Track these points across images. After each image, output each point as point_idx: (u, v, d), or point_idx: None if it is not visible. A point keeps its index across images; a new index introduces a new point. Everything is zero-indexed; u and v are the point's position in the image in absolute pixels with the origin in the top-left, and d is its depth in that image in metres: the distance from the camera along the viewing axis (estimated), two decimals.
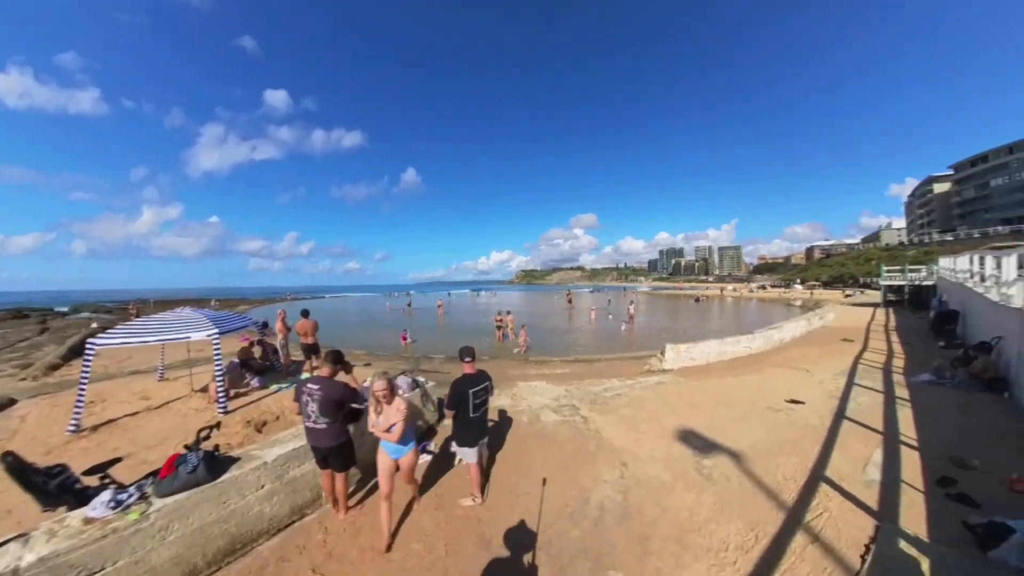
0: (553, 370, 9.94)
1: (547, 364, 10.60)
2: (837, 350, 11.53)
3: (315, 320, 9.39)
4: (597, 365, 10.50)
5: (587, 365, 10.50)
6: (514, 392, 7.66)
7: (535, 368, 10.10)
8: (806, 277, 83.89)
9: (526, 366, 10.29)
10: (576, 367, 10.23)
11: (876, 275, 64.62)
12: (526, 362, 10.96)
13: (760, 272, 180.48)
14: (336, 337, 20.19)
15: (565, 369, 9.95)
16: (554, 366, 10.31)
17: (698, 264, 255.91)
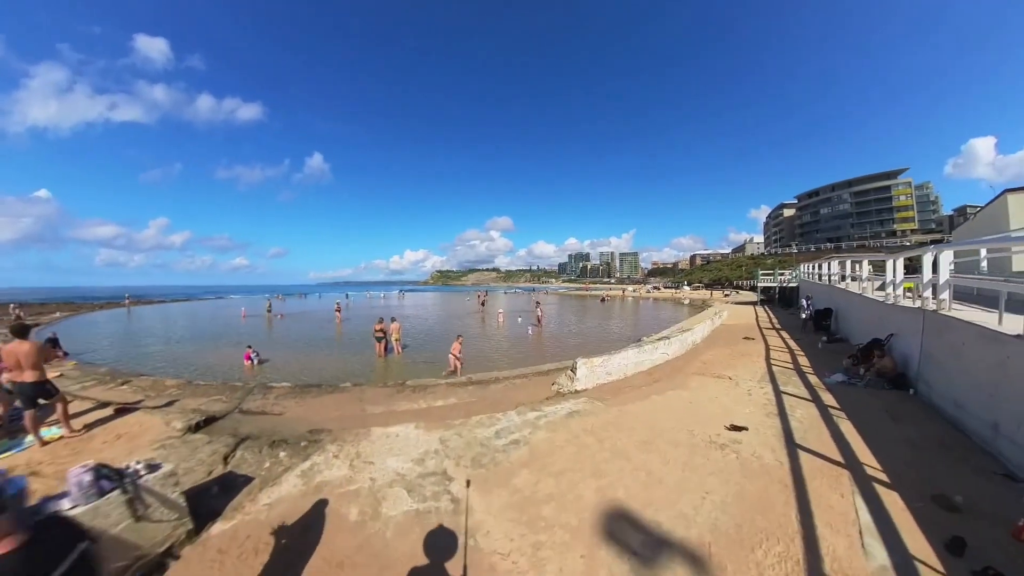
0: (434, 401, 7.31)
1: (429, 391, 7.93)
2: (745, 350, 11.07)
3: (40, 342, 6.23)
4: (494, 388, 8.13)
5: (481, 389, 8.06)
6: (358, 452, 4.86)
7: (410, 400, 7.36)
8: (692, 279, 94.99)
9: (397, 398, 7.53)
10: (466, 393, 7.75)
11: (746, 278, 76.58)
12: (400, 391, 8.13)
13: (654, 275, 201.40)
14: (146, 357, 14.88)
15: (450, 398, 7.40)
16: (437, 394, 7.65)
17: (602, 268, 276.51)
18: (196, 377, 11.12)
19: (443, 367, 11.82)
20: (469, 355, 13.59)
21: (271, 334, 21.63)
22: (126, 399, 7.49)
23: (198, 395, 8.59)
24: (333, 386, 9.06)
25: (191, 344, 18.08)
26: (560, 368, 9.37)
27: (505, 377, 9.14)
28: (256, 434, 5.50)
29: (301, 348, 16.63)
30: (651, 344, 9.38)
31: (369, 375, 11.78)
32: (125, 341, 19.54)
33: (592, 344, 15.42)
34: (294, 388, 9.03)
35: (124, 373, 10.67)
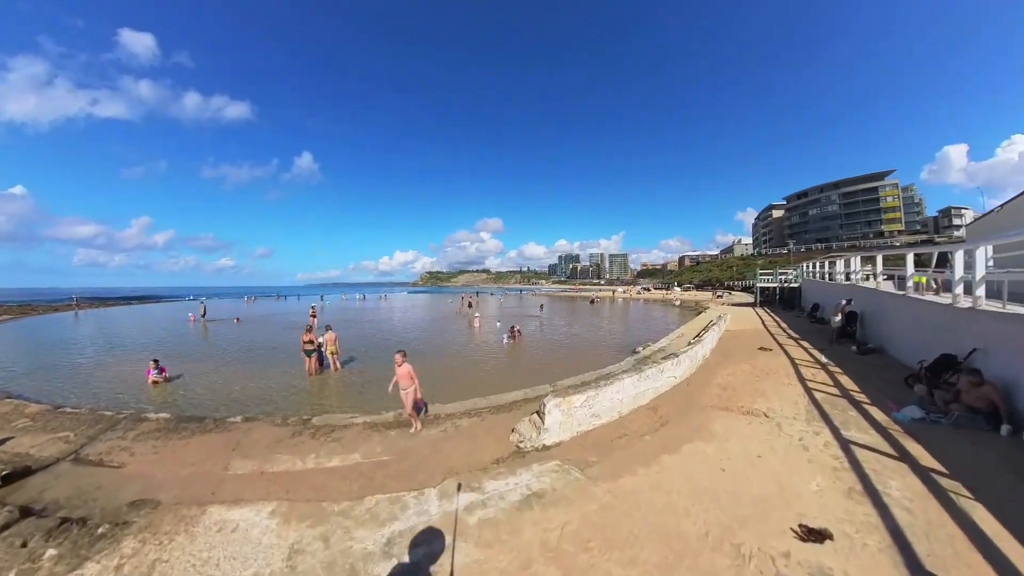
0: (329, 456, 4.84)
1: (335, 435, 5.45)
2: (768, 366, 8.82)
3: None
4: (427, 436, 5.66)
5: (404, 439, 5.56)
6: (154, 564, 2.50)
7: (298, 452, 4.89)
8: (682, 280, 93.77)
9: (286, 444, 5.04)
10: (383, 443, 5.27)
11: (737, 279, 75.48)
12: (297, 431, 5.64)
13: (643, 276, 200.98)
14: (40, 371, 12.06)
15: (354, 453, 4.92)
16: (343, 441, 5.17)
17: (592, 269, 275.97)
18: (81, 398, 9.47)
19: (353, 397, 9.36)
20: (420, 373, 10.90)
21: (206, 342, 18.78)
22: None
23: (49, 429, 6.77)
24: (219, 420, 6.82)
25: (106, 354, 15.22)
26: (529, 400, 6.94)
27: (449, 415, 6.67)
28: (56, 504, 4.24)
29: (231, 360, 13.91)
30: (655, 368, 6.92)
31: (283, 400, 9.16)
32: (36, 350, 16.57)
33: (578, 357, 13.02)
34: (170, 421, 6.89)
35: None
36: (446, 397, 7.84)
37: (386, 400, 7.68)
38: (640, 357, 10.59)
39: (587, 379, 8.31)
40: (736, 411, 5.98)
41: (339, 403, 8.91)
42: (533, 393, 7.57)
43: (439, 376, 10.60)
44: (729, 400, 6.51)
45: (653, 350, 11.48)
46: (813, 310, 19.04)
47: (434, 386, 9.62)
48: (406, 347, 14.71)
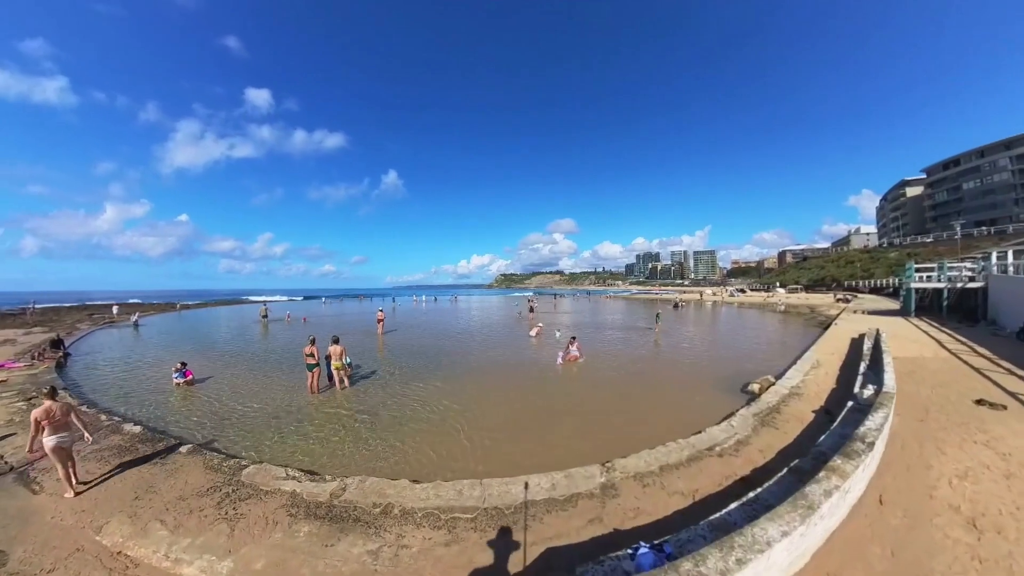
0: (197, 554, 2.58)
1: (243, 508, 3.55)
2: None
3: None
4: (357, 554, 3.11)
5: (313, 545, 3.11)
6: None
7: (192, 526, 2.71)
8: (785, 280, 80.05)
9: (188, 509, 2.95)
10: (283, 543, 2.95)
11: (862, 277, 61.34)
12: (219, 487, 3.68)
13: (734, 276, 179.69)
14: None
15: (225, 560, 2.61)
16: (235, 531, 3.13)
17: (674, 268, 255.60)
18: (110, 398, 9.95)
19: (405, 418, 7.78)
20: (436, 401, 8.64)
21: (256, 343, 19.00)
22: None
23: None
24: (170, 447, 6.21)
25: (160, 352, 15.45)
26: (553, 500, 3.93)
27: (404, 511, 3.98)
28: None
29: (261, 366, 13.39)
30: (826, 483, 3.21)
31: (264, 425, 7.72)
32: (122, 345, 17.81)
33: (655, 395, 9.39)
34: (133, 438, 6.55)
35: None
36: (429, 459, 5.26)
37: (375, 444, 6.61)
38: (762, 409, 6.75)
39: (668, 458, 4.97)
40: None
41: (312, 441, 6.96)
42: (563, 485, 4.48)
43: (444, 416, 8.08)
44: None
45: (779, 393, 7.47)
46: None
47: (429, 431, 7.06)
48: (446, 359, 12.39)
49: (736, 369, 11.02)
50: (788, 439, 5.50)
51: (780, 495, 3.16)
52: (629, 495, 4.26)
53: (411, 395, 9.48)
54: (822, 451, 4.11)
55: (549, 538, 3.67)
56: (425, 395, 9.44)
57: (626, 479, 4.53)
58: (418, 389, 9.98)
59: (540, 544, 3.59)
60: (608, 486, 4.43)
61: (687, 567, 2.18)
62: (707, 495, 4.15)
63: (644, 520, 3.83)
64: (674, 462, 4.85)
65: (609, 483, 4.47)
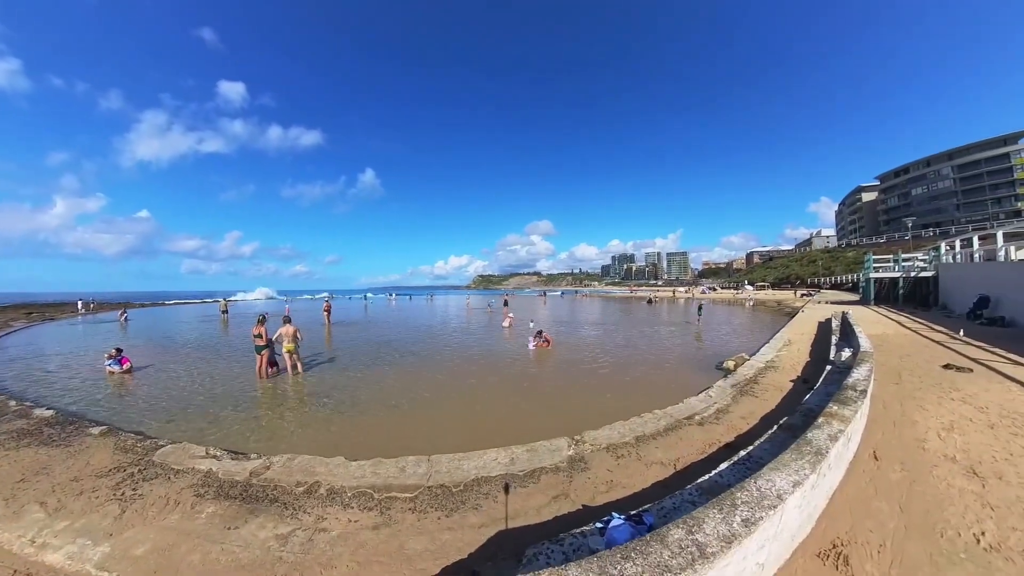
0: (70, 537, 2.47)
1: (147, 488, 3.20)
2: (1001, 404, 4.45)
3: None
4: (246, 537, 2.62)
5: (214, 528, 2.81)
6: None
7: (82, 507, 2.54)
8: (753, 279, 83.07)
9: (86, 489, 2.46)
10: (181, 524, 2.58)
11: (824, 274, 64.38)
12: (128, 467, 3.36)
13: (705, 276, 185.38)
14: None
15: (101, 545, 2.05)
16: (127, 513, 3.16)
17: (648, 269, 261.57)
18: (32, 384, 9.13)
19: (360, 401, 6.97)
20: (389, 384, 7.90)
21: (213, 336, 17.64)
22: None
23: None
24: (80, 427, 5.63)
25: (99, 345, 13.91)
26: (514, 476, 3.33)
27: (332, 491, 3.40)
28: None
29: (214, 354, 12.26)
30: (828, 429, 2.74)
31: (197, 412, 6.75)
32: (52, 344, 15.93)
33: (631, 374, 8.96)
34: (43, 421, 5.93)
35: None
36: (380, 441, 4.60)
37: (321, 427, 6.03)
38: (739, 380, 6.39)
39: (644, 428, 4.46)
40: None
41: (257, 421, 6.37)
42: (523, 459, 3.90)
43: (416, 386, 7.71)
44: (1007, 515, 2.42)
45: (755, 367, 7.15)
46: (979, 306, 13.18)
47: (395, 401, 6.46)
48: (417, 346, 11.61)
49: (710, 353, 10.82)
50: (770, 406, 5.12)
51: (775, 451, 2.69)
52: (601, 467, 3.71)
53: (371, 380, 8.72)
54: (810, 407, 3.73)
55: (503, 518, 3.06)
56: (387, 379, 8.71)
57: (597, 451, 3.98)
58: (377, 375, 9.22)
59: (491, 526, 2.97)
60: (577, 459, 3.86)
61: (677, 535, 1.61)
62: (690, 463, 3.64)
63: (619, 494, 3.27)
64: (651, 432, 4.34)
65: (578, 456, 3.91)
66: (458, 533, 2.94)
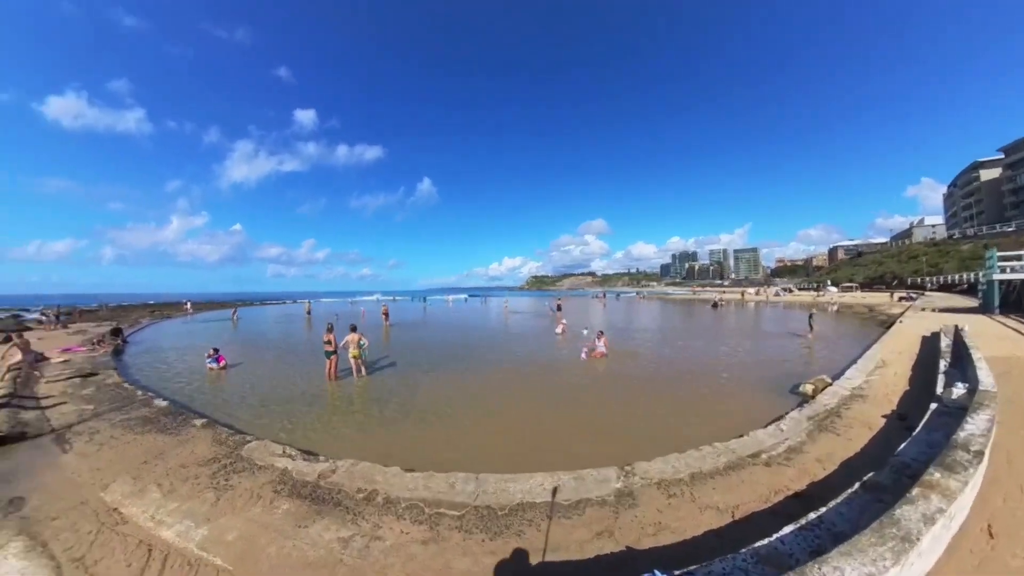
0: (176, 519, 3.02)
1: (235, 481, 3.84)
2: None
3: None
4: (314, 538, 3.07)
5: (286, 521, 3.39)
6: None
7: (187, 491, 2.85)
8: (838, 278, 73.93)
9: (188, 475, 3.36)
10: (261, 517, 3.15)
11: (929, 274, 55.11)
12: (220, 458, 4.54)
13: (779, 275, 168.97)
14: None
15: (202, 527, 2.56)
16: (222, 499, 3.94)
17: (712, 268, 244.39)
18: (152, 375, 11.09)
19: (416, 407, 7.50)
20: (442, 391, 8.25)
21: (300, 335, 20.00)
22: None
23: (90, 399, 7.88)
24: (183, 419, 6.63)
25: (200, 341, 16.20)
26: (561, 505, 3.33)
27: (388, 500, 3.74)
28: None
29: (294, 355, 13.83)
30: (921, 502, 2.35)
31: (278, 408, 7.87)
32: (179, 335, 18.98)
33: (689, 392, 8.40)
34: (157, 412, 7.04)
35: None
36: (431, 449, 4.94)
37: (380, 431, 6.60)
38: (818, 411, 5.73)
39: (702, 464, 4.17)
40: None
41: (326, 422, 7.05)
42: (569, 488, 3.82)
43: (467, 395, 8.15)
44: None
45: (838, 395, 6.35)
46: None
47: (447, 410, 6.76)
48: (470, 353, 12.18)
49: (784, 370, 9.80)
50: (854, 448, 4.52)
51: (853, 518, 2.37)
52: (650, 506, 3.55)
53: (426, 385, 9.19)
54: (905, 462, 3.19)
55: (544, 550, 3.06)
56: (440, 386, 9.09)
57: (648, 486, 3.82)
58: (435, 380, 9.68)
59: (533, 555, 2.99)
60: (625, 493, 3.74)
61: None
62: (750, 512, 3.35)
63: (667, 539, 3.11)
64: (709, 469, 4.06)
65: (626, 489, 3.78)
66: (500, 559, 3.02)
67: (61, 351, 13.62)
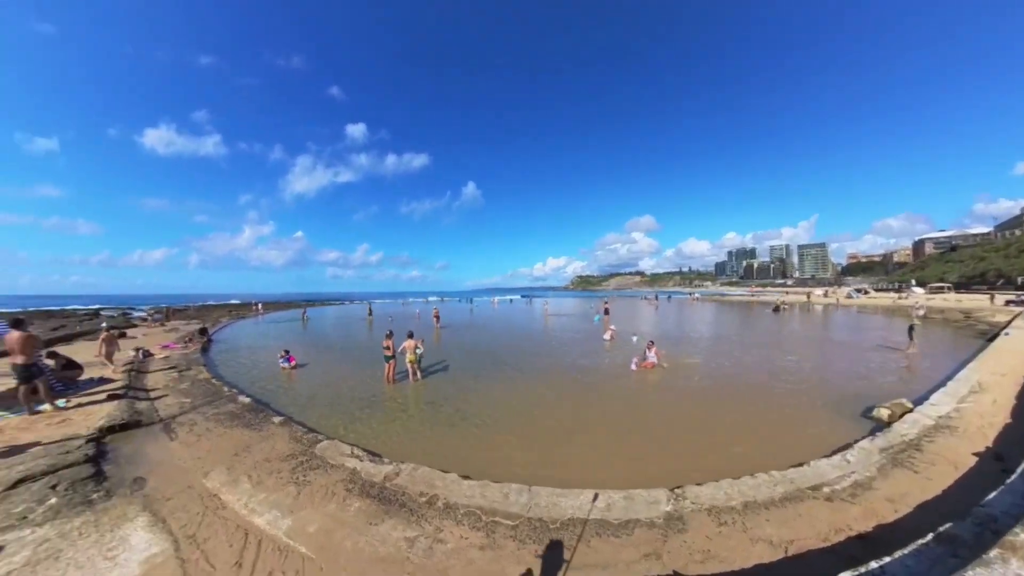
0: (262, 508, 3.67)
1: (310, 477, 4.59)
2: None
3: (28, 333, 7.37)
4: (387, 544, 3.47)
5: (359, 520, 3.86)
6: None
7: (272, 483, 3.50)
8: (924, 277, 65.44)
9: (271, 469, 4.62)
10: (336, 514, 3.63)
11: None
12: (296, 455, 5.40)
13: (851, 273, 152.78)
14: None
15: (289, 518, 2.93)
16: (301, 493, 4.57)
17: (774, 266, 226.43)
18: (233, 369, 12.76)
19: (468, 413, 8.07)
20: (493, 397, 8.69)
21: (360, 336, 21.63)
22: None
23: (187, 392, 9.15)
24: (264, 416, 7.55)
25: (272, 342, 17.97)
26: (605, 524, 3.49)
27: (448, 505, 4.13)
28: (120, 457, 5.66)
29: (354, 356, 15.11)
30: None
31: (342, 407, 8.68)
32: (256, 333, 21.38)
33: (746, 413, 7.79)
34: (242, 408, 8.03)
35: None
36: (482, 457, 5.56)
37: (434, 435, 7.00)
38: (893, 442, 5.29)
39: (756, 492, 4.07)
40: None
41: (379, 425, 7.57)
42: (619, 507, 3.90)
43: (515, 403, 8.55)
44: None
45: (920, 424, 5.77)
46: None
47: (487, 428, 7.06)
48: (519, 359, 13.50)
49: (855, 389, 9.03)
50: (934, 489, 4.14)
51: (919, 573, 2.25)
52: (699, 532, 3.56)
53: (477, 392, 9.59)
54: (992, 514, 2.91)
55: (593, 565, 3.20)
56: (491, 394, 9.44)
57: (698, 512, 3.81)
58: (484, 386, 10.08)
59: (581, 570, 3.15)
60: (675, 517, 3.77)
61: None
62: (806, 550, 3.25)
63: (715, 568, 3.13)
64: (763, 499, 3.96)
65: (676, 513, 3.81)
66: (552, 571, 3.20)
67: (162, 347, 15.88)
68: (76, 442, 5.88)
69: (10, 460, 5.33)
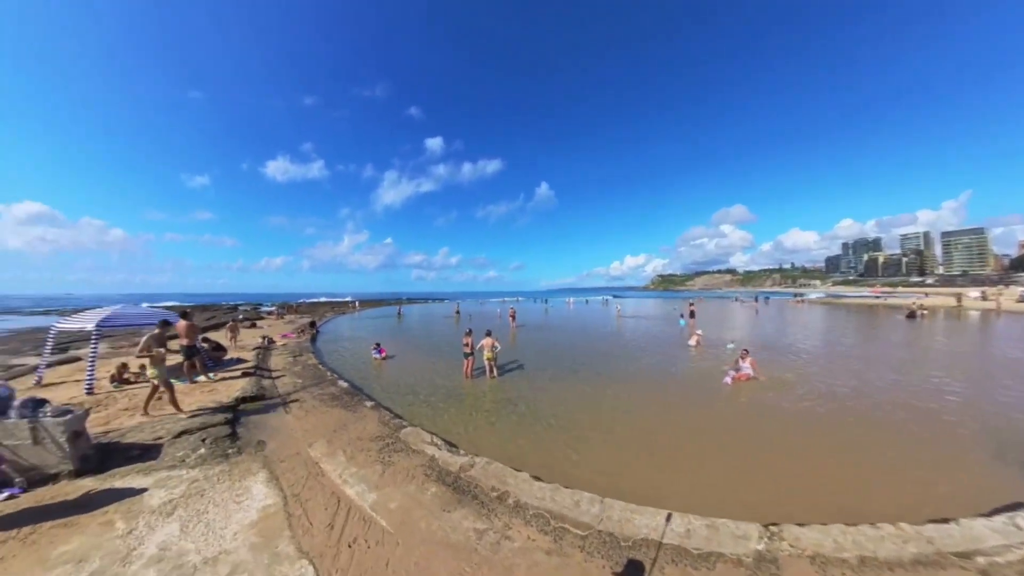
0: (354, 481, 4.27)
1: (394, 459, 5.37)
2: None
3: (191, 322, 9.57)
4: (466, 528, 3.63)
5: (433, 503, 4.10)
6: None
7: (362, 460, 4.79)
8: None
9: (362, 447, 5.53)
10: (414, 495, 4.13)
11: None
12: (383, 437, 6.10)
13: (1020, 268, 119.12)
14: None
15: (377, 492, 3.71)
16: (387, 471, 5.04)
17: (907, 260, 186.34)
18: (336, 357, 14.85)
19: (541, 414, 8.13)
20: (567, 399, 8.49)
21: (448, 333, 23.06)
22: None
23: (301, 374, 10.86)
24: (358, 399, 8.64)
25: (368, 336, 20.07)
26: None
27: (518, 504, 4.37)
28: (248, 423, 6.88)
29: (435, 351, 16.34)
30: None
31: (425, 397, 9.39)
32: (355, 327, 24.29)
33: (869, 450, 6.58)
34: (342, 391, 9.25)
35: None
36: (552, 459, 5.97)
37: (507, 432, 7.19)
38: None
39: (878, 547, 3.38)
40: None
41: (463, 416, 8.05)
42: (701, 534, 3.55)
43: (590, 407, 8.46)
44: None
45: None
46: None
47: (560, 431, 7.00)
48: (596, 363, 13.54)
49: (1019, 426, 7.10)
50: None
51: None
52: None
53: (551, 392, 9.61)
54: None
55: None
56: (565, 395, 9.39)
57: (797, 557, 3.31)
58: (559, 388, 10.04)
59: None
60: (767, 558, 3.32)
61: None
62: None
63: None
64: (887, 557, 3.27)
65: (769, 554, 3.35)
66: None
67: (281, 336, 19.39)
68: (220, 408, 7.35)
69: (177, 415, 6.88)
